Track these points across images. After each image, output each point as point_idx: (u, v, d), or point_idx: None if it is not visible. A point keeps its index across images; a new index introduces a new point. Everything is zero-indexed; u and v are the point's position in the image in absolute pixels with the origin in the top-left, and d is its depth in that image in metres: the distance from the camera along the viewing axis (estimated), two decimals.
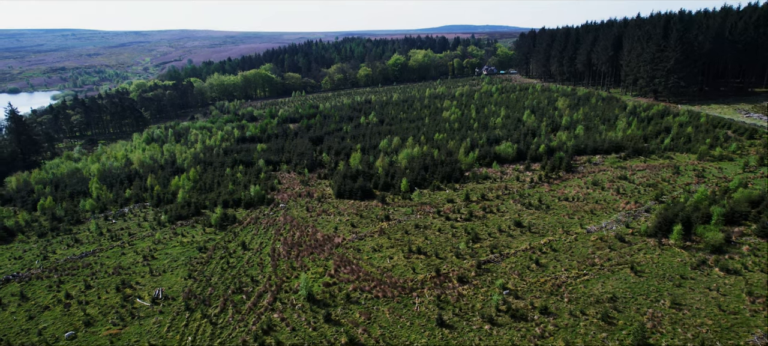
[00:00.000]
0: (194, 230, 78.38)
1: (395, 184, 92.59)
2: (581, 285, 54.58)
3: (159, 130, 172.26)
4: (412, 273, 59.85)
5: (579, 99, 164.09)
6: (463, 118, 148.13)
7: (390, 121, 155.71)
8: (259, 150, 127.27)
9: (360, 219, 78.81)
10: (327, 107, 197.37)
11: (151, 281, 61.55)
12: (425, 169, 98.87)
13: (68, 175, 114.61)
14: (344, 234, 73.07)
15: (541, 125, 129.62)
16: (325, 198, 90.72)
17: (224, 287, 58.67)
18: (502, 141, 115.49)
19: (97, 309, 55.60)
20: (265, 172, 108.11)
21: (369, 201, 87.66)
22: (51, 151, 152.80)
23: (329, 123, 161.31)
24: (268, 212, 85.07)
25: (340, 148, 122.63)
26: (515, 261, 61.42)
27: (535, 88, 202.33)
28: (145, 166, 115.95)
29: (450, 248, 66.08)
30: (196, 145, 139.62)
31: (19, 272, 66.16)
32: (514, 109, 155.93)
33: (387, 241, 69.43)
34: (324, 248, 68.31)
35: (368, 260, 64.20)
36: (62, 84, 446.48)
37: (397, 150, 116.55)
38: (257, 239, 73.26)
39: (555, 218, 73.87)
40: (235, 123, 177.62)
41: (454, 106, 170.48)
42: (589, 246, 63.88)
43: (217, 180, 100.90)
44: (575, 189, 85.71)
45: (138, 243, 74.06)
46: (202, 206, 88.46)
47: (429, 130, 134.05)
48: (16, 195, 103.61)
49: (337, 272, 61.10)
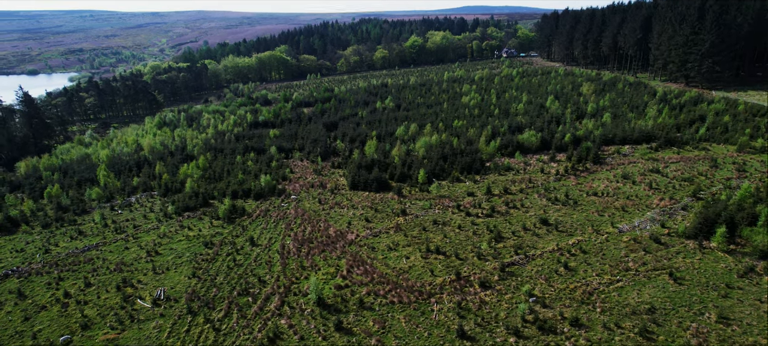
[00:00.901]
0: (201, 222, 75.03)
1: (412, 175, 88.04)
2: (615, 293, 49.92)
3: (172, 113, 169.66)
4: (430, 276, 55.71)
5: (604, 84, 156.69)
6: (483, 104, 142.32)
7: (407, 107, 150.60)
8: (271, 136, 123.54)
9: (375, 213, 74.65)
10: (342, 91, 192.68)
11: (154, 279, 58.36)
12: (444, 159, 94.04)
13: (77, 161, 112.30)
14: (358, 230, 69.05)
15: (566, 112, 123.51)
16: (338, 189, 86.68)
17: (230, 288, 55.21)
18: (525, 129, 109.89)
19: (96, 310, 52.58)
20: (276, 160, 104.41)
21: (384, 193, 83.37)
22: (64, 135, 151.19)
23: (344, 108, 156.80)
24: (278, 203, 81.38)
25: (355, 134, 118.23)
26: (542, 264, 56.86)
27: (558, 72, 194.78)
28: (155, 153, 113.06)
29: (471, 248, 61.68)
30: (208, 130, 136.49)
31: (19, 267, 63.57)
32: (536, 95, 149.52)
33: (403, 238, 65.24)
34: (336, 245, 64.39)
35: (383, 259, 60.16)
36: (80, 66, 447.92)
37: (414, 138, 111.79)
38: (266, 233, 69.62)
39: (583, 215, 68.89)
40: (249, 107, 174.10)
41: (473, 90, 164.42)
42: (621, 248, 59.02)
43: (227, 169, 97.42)
44: (604, 183, 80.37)
45: (142, 236, 70.98)
46: (211, 197, 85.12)
47: (448, 117, 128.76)
48: (25, 181, 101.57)
49: (349, 272, 57.20)
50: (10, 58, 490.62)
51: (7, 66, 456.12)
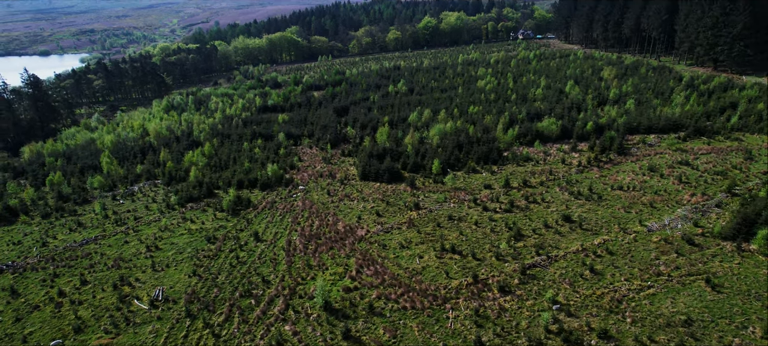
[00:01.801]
0: (204, 214, 71.80)
1: (426, 165, 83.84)
2: (646, 301, 45.82)
3: (180, 96, 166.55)
4: (445, 278, 51.98)
5: (626, 68, 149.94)
6: (499, 89, 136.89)
7: (420, 91, 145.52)
8: (280, 121, 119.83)
9: (386, 207, 70.81)
10: (354, 74, 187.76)
11: (152, 277, 55.33)
12: (459, 148, 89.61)
13: (82, 147, 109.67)
14: (368, 225, 65.34)
15: (587, 98, 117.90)
16: (348, 180, 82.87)
17: (231, 289, 52.00)
18: (544, 116, 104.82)
19: (90, 311, 49.71)
20: (285, 147, 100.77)
21: (396, 184, 79.40)
22: (71, 119, 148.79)
23: (355, 92, 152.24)
24: (285, 194, 77.86)
25: (366, 120, 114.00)
26: (566, 266, 52.83)
27: (577, 55, 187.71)
28: (161, 138, 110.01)
29: (489, 247, 57.72)
30: (215, 114, 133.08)
31: (14, 262, 60.95)
32: (555, 79, 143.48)
33: (416, 235, 61.41)
34: (345, 241, 60.80)
35: (395, 259, 56.48)
36: (91, 46, 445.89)
37: (428, 124, 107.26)
38: (272, 227, 66.21)
39: (609, 212, 64.48)
40: (258, 90, 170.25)
41: (489, 74, 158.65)
42: (651, 249, 54.76)
43: (234, 156, 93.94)
44: (629, 176, 75.61)
45: (143, 229, 67.97)
46: (215, 187, 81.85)
47: (463, 102, 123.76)
48: (28, 168, 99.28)
49: (359, 273, 53.67)
50: (22, 38, 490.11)
51: (19, 47, 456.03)
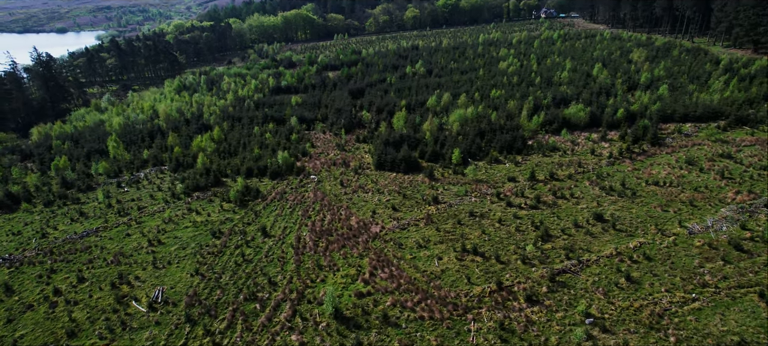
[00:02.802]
0: (211, 205, 68.15)
1: (445, 154, 78.94)
2: (691, 317, 40.92)
3: (193, 76, 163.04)
4: (466, 283, 47.55)
5: (657, 50, 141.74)
6: (522, 71, 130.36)
7: (439, 72, 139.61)
8: (293, 104, 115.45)
9: (403, 200, 66.29)
10: (370, 54, 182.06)
11: (153, 275, 51.90)
12: (481, 136, 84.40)
13: (90, 129, 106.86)
14: (383, 220, 60.99)
15: (616, 82, 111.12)
16: (362, 169, 78.43)
17: (236, 290, 48.28)
18: (571, 102, 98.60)
19: (86, 313, 46.47)
20: (297, 132, 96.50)
21: (414, 175, 74.74)
22: (82, 99, 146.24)
23: (372, 72, 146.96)
24: (296, 184, 73.78)
25: (382, 104, 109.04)
26: (599, 272, 47.97)
27: (603, 35, 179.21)
28: (170, 121, 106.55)
29: (514, 248, 53.02)
30: (227, 95, 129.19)
31: (11, 255, 58.09)
32: (580, 61, 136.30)
33: (435, 233, 56.90)
34: (358, 239, 56.61)
35: (412, 260, 52.13)
36: (107, 23, 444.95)
37: (447, 109, 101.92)
38: (281, 221, 62.26)
39: (644, 210, 59.10)
40: (272, 70, 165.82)
41: (511, 55, 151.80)
42: (694, 255, 49.52)
43: (244, 142, 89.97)
44: (665, 169, 69.81)
45: (146, 221, 64.57)
46: (223, 175, 78.18)
47: (484, 85, 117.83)
48: (36, 150, 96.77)
49: (372, 276, 49.49)
50: (40, 15, 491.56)
51: (37, 24, 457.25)
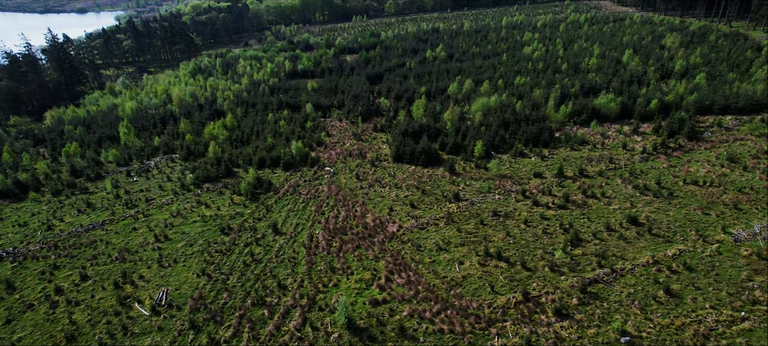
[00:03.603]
0: (221, 198, 65.31)
1: (467, 146, 74.80)
2: (741, 339, 36.81)
3: (208, 59, 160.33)
4: (489, 292, 43.88)
5: (692, 35, 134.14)
6: (548, 57, 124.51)
7: (460, 57, 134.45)
8: (309, 89, 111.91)
9: (422, 196, 62.54)
10: (389, 37, 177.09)
11: (158, 274, 49.29)
12: (505, 127, 79.92)
13: (102, 114, 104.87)
14: (401, 218, 57.43)
15: (648, 70, 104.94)
16: (380, 161, 74.75)
17: (243, 294, 45.36)
18: (601, 91, 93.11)
19: (86, 315, 44.06)
20: (312, 119, 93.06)
21: (434, 168, 70.83)
22: (98, 81, 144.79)
23: (390, 57, 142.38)
24: (310, 176, 70.48)
25: (401, 90, 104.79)
26: (634, 283, 43.83)
27: (633, 19, 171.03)
28: (183, 106, 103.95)
29: (541, 253, 49.07)
30: (242, 79, 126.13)
31: (16, 248, 56.11)
32: (609, 47, 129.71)
33: (456, 235, 53.17)
34: (374, 239, 53.21)
35: (431, 264, 48.56)
36: (126, 4, 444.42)
37: (469, 96, 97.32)
38: (293, 217, 59.12)
39: (682, 213, 54.45)
40: (288, 53, 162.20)
41: (536, 40, 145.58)
42: (741, 266, 45.07)
43: (257, 129, 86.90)
44: (705, 167, 64.75)
45: (154, 214, 62.05)
46: (235, 165, 75.29)
47: (507, 72, 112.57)
48: (48, 135, 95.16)
49: (388, 281, 46.09)
50: None
51: (58, 4, 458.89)
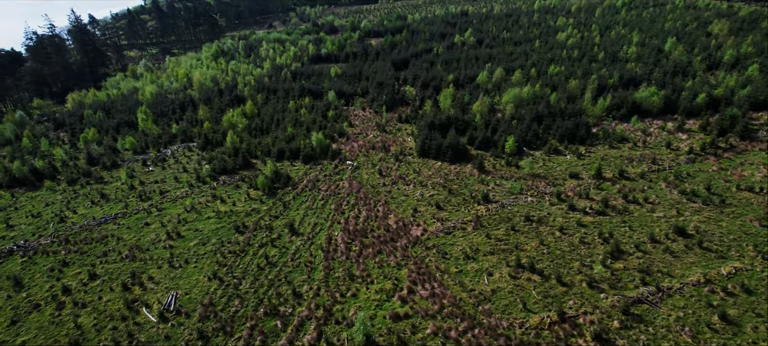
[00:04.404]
0: (237, 192, 62.54)
1: (498, 141, 70.24)
2: None
3: (232, 41, 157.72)
4: (521, 310, 39.94)
5: (742, 21, 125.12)
6: (583, 44, 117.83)
7: (490, 43, 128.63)
8: (332, 75, 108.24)
9: (448, 196, 58.55)
10: (416, 20, 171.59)
11: (168, 275, 46.78)
12: (538, 121, 74.99)
13: (122, 98, 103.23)
14: (426, 221, 53.64)
15: (694, 61, 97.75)
16: (404, 155, 70.86)
17: (256, 301, 42.46)
18: (641, 83, 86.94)
19: (92, 319, 41.80)
20: (334, 107, 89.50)
21: (461, 165, 66.64)
22: (121, 63, 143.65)
23: (417, 41, 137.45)
24: (330, 170, 67.10)
25: (428, 78, 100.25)
26: (684, 305, 39.25)
27: (675, 3, 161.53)
28: (203, 91, 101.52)
29: (578, 266, 44.71)
30: (265, 63, 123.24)
31: (27, 241, 54.38)
32: (650, 34, 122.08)
33: (485, 241, 49.13)
34: (396, 243, 49.64)
35: (457, 275, 44.74)
36: None
37: (499, 86, 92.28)
38: (312, 216, 55.92)
39: (737, 224, 49.14)
40: (312, 36, 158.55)
41: (570, 25, 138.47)
42: None
43: (277, 118, 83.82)
44: (761, 171, 58.84)
45: (167, 208, 59.69)
46: (253, 156, 72.40)
47: (540, 60, 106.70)
48: (68, 120, 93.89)
49: (411, 292, 42.55)
50: None
51: None
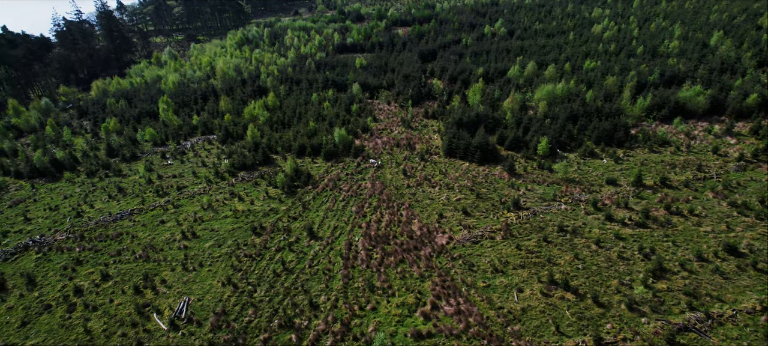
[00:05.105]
0: (256, 190, 60.38)
1: (529, 141, 66.36)
2: None
3: (257, 28, 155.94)
4: (553, 333, 36.78)
5: None
6: (620, 37, 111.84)
7: (522, 35, 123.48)
8: (357, 66, 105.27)
9: (476, 201, 55.20)
10: (444, 9, 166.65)
11: (181, 279, 44.92)
12: (573, 121, 70.74)
13: (145, 87, 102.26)
14: (452, 228, 50.50)
15: (743, 56, 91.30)
16: (430, 154, 67.57)
17: (270, 311, 40.21)
18: (685, 81, 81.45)
19: (102, 323, 40.24)
20: (359, 100, 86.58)
21: (490, 166, 63.08)
22: (146, 50, 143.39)
23: (445, 32, 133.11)
24: (353, 169, 64.33)
25: (456, 71, 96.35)
26: (737, 335, 35.51)
27: None
28: (226, 81, 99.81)
29: (617, 284, 41.10)
30: (289, 52, 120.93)
31: (43, 236, 53.31)
32: (693, 26, 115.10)
33: (515, 253, 45.79)
34: (420, 252, 46.72)
35: (485, 289, 41.58)
36: None
37: (531, 81, 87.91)
38: (331, 218, 53.35)
39: None
40: (338, 24, 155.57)
41: (607, 16, 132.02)
42: None
43: (299, 111, 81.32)
44: None
45: (184, 206, 57.93)
46: (273, 151, 70.14)
47: (575, 54, 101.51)
48: (92, 108, 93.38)
49: (435, 308, 39.67)
50: None
51: None
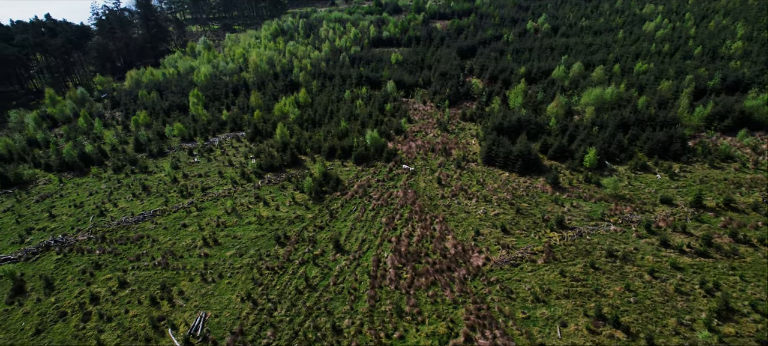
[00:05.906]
0: (282, 194, 57.63)
1: (575, 151, 61.36)
2: None
3: (292, 19, 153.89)
4: None
5: None
6: (675, 36, 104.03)
7: (567, 32, 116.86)
8: (392, 62, 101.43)
9: (516, 217, 50.89)
10: (485, 2, 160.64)
11: (199, 291, 42.60)
12: (623, 130, 65.23)
13: (177, 78, 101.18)
14: (489, 247, 46.45)
15: None
16: (467, 161, 63.35)
17: (290, 333, 37.45)
18: (751, 88, 74.37)
19: (115, 336, 38.34)
20: (393, 99, 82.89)
21: (532, 178, 58.47)
22: (182, 40, 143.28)
23: (486, 26, 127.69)
24: (384, 175, 60.76)
25: (496, 70, 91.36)
26: None
27: None
28: (258, 74, 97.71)
29: (675, 324, 36.55)
30: (323, 45, 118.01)
31: (66, 235, 52.09)
32: (759, 25, 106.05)
33: (559, 280, 41.52)
34: (454, 273, 42.99)
35: (524, 321, 37.59)
36: None
37: (577, 83, 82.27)
38: (359, 230, 50.11)
39: None
40: (375, 16, 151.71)
41: (659, 13, 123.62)
42: None
43: (331, 109, 78.20)
44: None
45: (207, 209, 55.67)
46: (302, 152, 67.32)
47: (624, 54, 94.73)
48: (124, 99, 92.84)
49: (468, 340, 36.00)
50: None
51: None
